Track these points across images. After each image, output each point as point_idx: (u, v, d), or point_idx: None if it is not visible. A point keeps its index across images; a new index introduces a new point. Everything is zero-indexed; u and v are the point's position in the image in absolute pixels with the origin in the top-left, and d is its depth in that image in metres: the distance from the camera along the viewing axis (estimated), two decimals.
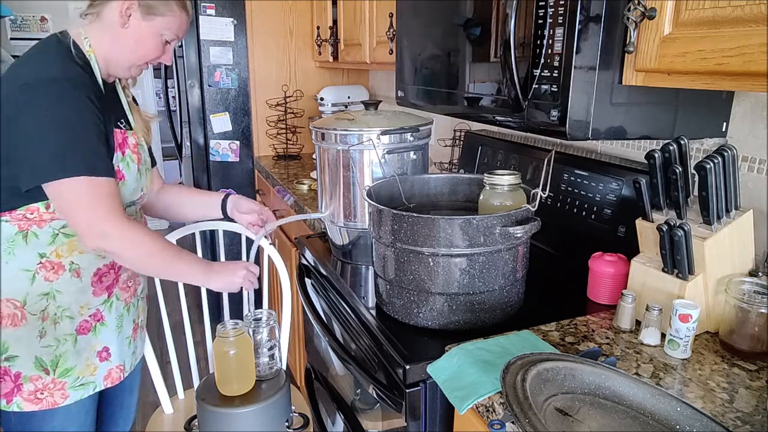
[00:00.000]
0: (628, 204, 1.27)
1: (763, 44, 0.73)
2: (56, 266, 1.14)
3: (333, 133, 1.39)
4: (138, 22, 1.17)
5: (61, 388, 1.18)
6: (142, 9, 1.16)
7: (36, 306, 1.14)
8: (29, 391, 1.15)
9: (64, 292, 1.16)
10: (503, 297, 1.10)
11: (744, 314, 0.97)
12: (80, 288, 1.17)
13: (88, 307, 1.20)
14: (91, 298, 1.19)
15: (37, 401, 1.16)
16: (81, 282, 1.17)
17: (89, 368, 1.21)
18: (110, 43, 1.17)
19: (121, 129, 1.20)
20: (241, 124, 2.90)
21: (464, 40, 1.26)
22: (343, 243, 1.48)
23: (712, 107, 1.13)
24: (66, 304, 1.16)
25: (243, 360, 1.21)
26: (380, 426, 1.22)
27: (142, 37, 1.18)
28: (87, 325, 1.20)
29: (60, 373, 1.17)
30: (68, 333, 1.17)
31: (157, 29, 1.19)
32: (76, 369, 1.19)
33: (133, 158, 1.23)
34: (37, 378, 1.15)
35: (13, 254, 1.12)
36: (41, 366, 1.15)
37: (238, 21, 2.76)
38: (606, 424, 0.78)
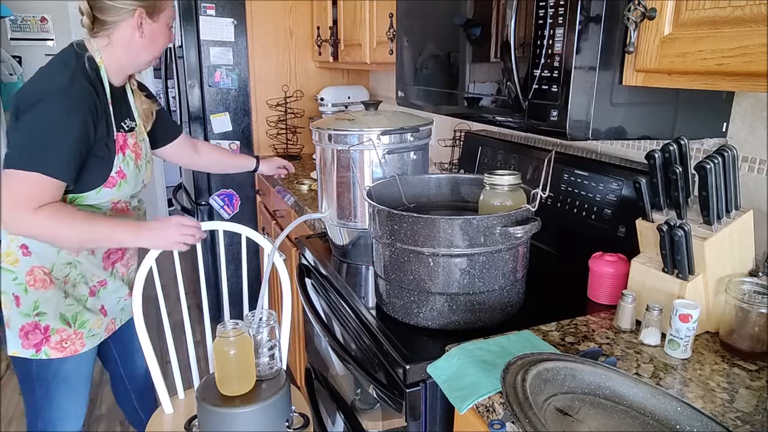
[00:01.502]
0: (628, 204, 1.27)
1: (763, 44, 0.73)
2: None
3: (333, 133, 1.39)
4: (150, 26, 1.35)
5: (80, 338, 1.43)
6: (148, 12, 1.33)
7: (61, 272, 1.39)
8: (56, 341, 1.40)
9: (82, 263, 1.42)
10: (503, 297, 1.10)
11: (744, 314, 0.97)
12: (94, 262, 1.45)
13: (98, 277, 1.47)
14: (100, 270, 1.47)
15: (62, 349, 1.41)
16: (95, 258, 1.45)
17: (98, 322, 1.47)
18: (126, 54, 1.36)
19: (122, 132, 1.39)
20: (241, 124, 2.90)
21: (464, 40, 1.26)
22: (343, 243, 1.48)
23: (712, 107, 1.13)
24: (83, 272, 1.43)
25: (243, 360, 1.21)
26: (380, 426, 1.22)
27: (157, 34, 1.38)
28: (95, 289, 1.47)
29: (78, 325, 1.43)
30: (83, 294, 1.44)
31: (164, 22, 1.39)
32: (89, 322, 1.45)
33: (132, 156, 1.42)
34: (62, 330, 1.40)
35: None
36: (65, 320, 1.40)
37: (238, 21, 2.76)
38: (606, 424, 0.78)
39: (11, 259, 1.35)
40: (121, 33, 1.33)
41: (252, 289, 1.94)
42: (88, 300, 1.44)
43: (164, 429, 1.47)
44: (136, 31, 1.33)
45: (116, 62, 1.36)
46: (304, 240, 1.69)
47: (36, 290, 1.36)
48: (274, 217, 2.55)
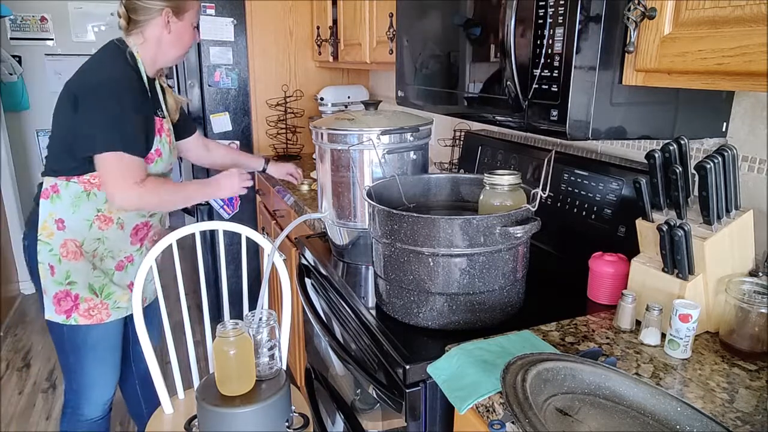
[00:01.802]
0: (628, 204, 1.27)
1: (763, 44, 0.73)
2: (107, 219, 1.54)
3: (333, 133, 1.39)
4: (176, 24, 1.54)
5: (106, 308, 1.58)
6: (174, 11, 1.52)
7: (90, 246, 1.54)
8: (84, 309, 1.55)
9: (110, 238, 1.57)
10: (503, 297, 1.10)
11: (744, 314, 0.97)
12: (122, 237, 1.59)
13: (125, 252, 1.61)
14: (128, 246, 1.62)
15: (89, 317, 1.56)
16: (123, 233, 1.59)
17: (124, 296, 1.61)
18: (157, 49, 1.55)
19: (159, 117, 1.58)
20: (241, 124, 2.90)
21: (464, 40, 1.26)
22: (343, 243, 1.48)
23: (712, 107, 1.13)
24: (110, 248, 1.58)
25: (243, 360, 1.21)
26: (380, 426, 1.22)
27: (183, 32, 1.57)
28: (122, 264, 1.61)
29: (105, 296, 1.57)
30: (110, 268, 1.59)
31: (189, 21, 1.57)
32: (115, 295, 1.59)
33: (167, 140, 1.61)
34: (90, 299, 1.55)
35: (78, 207, 1.51)
36: (93, 290, 1.56)
37: (238, 21, 2.76)
38: (606, 424, 0.78)
39: (47, 233, 1.51)
40: (152, 30, 1.51)
41: (252, 289, 1.94)
42: (114, 274, 1.60)
43: (164, 429, 1.47)
44: (164, 29, 1.52)
45: (150, 57, 1.55)
46: (303, 240, 1.69)
47: (68, 261, 1.52)
48: (274, 217, 2.55)
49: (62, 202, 1.50)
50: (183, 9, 1.53)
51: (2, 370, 2.81)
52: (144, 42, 1.52)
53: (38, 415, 2.45)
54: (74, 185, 1.49)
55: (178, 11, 1.52)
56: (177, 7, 1.52)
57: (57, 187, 1.50)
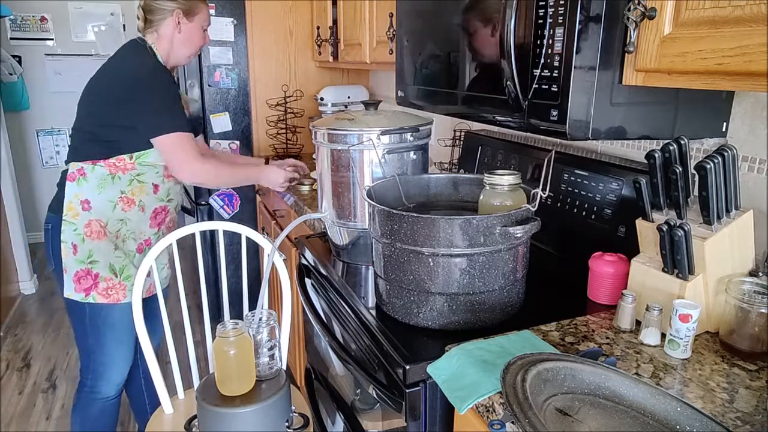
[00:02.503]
0: (628, 204, 1.27)
1: (763, 44, 0.73)
2: (130, 201, 1.64)
3: (333, 133, 1.39)
4: (185, 25, 1.68)
5: (123, 289, 1.65)
6: (185, 13, 1.66)
7: (114, 227, 1.63)
8: (103, 288, 1.63)
9: (132, 220, 1.65)
10: (503, 297, 1.10)
11: (744, 314, 0.97)
12: (142, 219, 1.68)
13: (145, 235, 1.70)
14: (147, 228, 1.70)
15: (107, 296, 1.64)
16: (144, 215, 1.68)
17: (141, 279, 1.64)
18: (170, 47, 1.68)
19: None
20: (241, 124, 2.90)
21: (464, 40, 1.26)
22: (343, 243, 1.48)
23: (712, 107, 1.13)
24: (132, 229, 1.66)
25: (243, 360, 1.21)
26: (380, 426, 1.22)
27: (192, 35, 1.70)
28: (141, 247, 1.70)
29: (124, 277, 1.65)
30: (131, 250, 1.68)
31: (198, 23, 1.71)
32: (133, 277, 1.65)
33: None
34: (109, 279, 1.63)
35: (104, 189, 1.60)
36: (113, 270, 1.63)
37: (238, 21, 2.76)
38: (606, 424, 0.78)
39: (72, 213, 1.60)
40: (165, 29, 1.65)
41: (252, 289, 1.94)
42: (135, 256, 1.68)
43: (164, 429, 1.47)
44: (175, 29, 1.66)
45: (165, 54, 1.67)
46: (303, 240, 1.69)
47: (92, 240, 1.61)
48: (274, 217, 2.55)
49: (88, 183, 1.60)
50: (193, 11, 1.68)
51: (2, 370, 2.81)
52: (158, 39, 1.66)
53: (38, 415, 2.45)
54: (100, 168, 1.59)
55: (188, 13, 1.66)
56: (187, 9, 1.66)
57: (84, 170, 1.60)
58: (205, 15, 1.73)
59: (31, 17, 4.21)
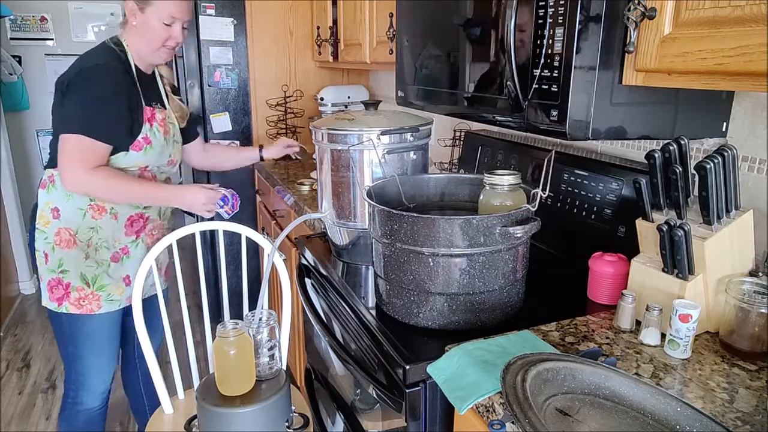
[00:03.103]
0: (628, 204, 1.27)
1: (763, 44, 0.73)
2: (100, 209, 1.56)
3: (333, 133, 1.39)
4: (140, 16, 1.52)
5: (97, 299, 1.58)
6: (137, 4, 1.50)
7: (84, 235, 1.56)
8: (75, 298, 1.57)
9: (104, 228, 1.57)
10: (503, 297, 1.10)
11: (744, 314, 0.97)
12: (116, 227, 1.59)
13: (120, 243, 1.61)
14: (122, 236, 1.61)
15: (80, 306, 1.57)
16: (117, 223, 1.59)
17: (118, 289, 1.61)
18: (134, 39, 1.56)
19: (151, 107, 1.58)
20: (241, 124, 2.90)
21: (464, 40, 1.26)
22: (343, 243, 1.48)
23: (712, 107, 1.13)
24: (105, 237, 1.58)
25: (243, 360, 1.21)
26: (380, 426, 1.22)
27: (146, 26, 1.52)
28: (117, 256, 1.61)
29: (97, 287, 1.58)
30: (105, 259, 1.59)
31: (154, 16, 1.51)
32: (108, 287, 1.59)
33: (160, 129, 1.60)
34: (81, 289, 1.57)
35: (71, 196, 1.53)
36: (85, 280, 1.57)
37: (238, 21, 2.76)
38: (606, 424, 0.78)
39: (44, 221, 1.55)
40: (126, 17, 1.54)
41: (252, 289, 1.94)
42: (110, 266, 1.60)
43: (164, 429, 1.47)
44: (129, 17, 1.53)
45: (133, 45, 1.56)
46: (303, 240, 1.69)
47: (61, 249, 1.55)
48: (273, 217, 2.55)
49: (57, 191, 1.54)
50: (146, 2, 1.50)
51: (2, 370, 2.81)
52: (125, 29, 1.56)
53: (38, 415, 2.45)
54: None
55: (140, 2, 1.51)
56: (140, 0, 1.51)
57: (53, 176, 1.54)
58: (167, 8, 1.51)
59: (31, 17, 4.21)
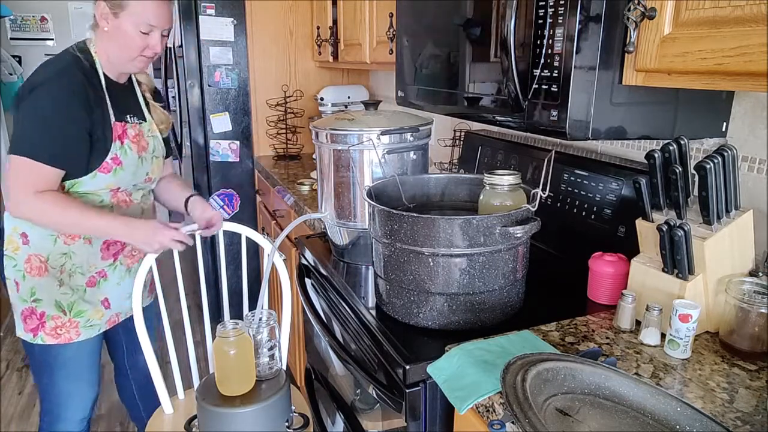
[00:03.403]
0: (628, 204, 1.27)
1: (763, 44, 0.73)
2: (72, 234, 1.42)
3: (333, 133, 1.39)
4: (112, 21, 1.35)
5: (75, 326, 1.47)
6: (110, 7, 1.34)
7: (57, 262, 1.43)
8: (51, 328, 1.45)
9: (78, 254, 1.44)
10: (503, 297, 1.10)
11: (744, 314, 0.97)
12: (91, 252, 1.46)
13: (96, 267, 1.49)
14: (98, 261, 1.49)
15: (57, 336, 1.46)
16: (92, 248, 1.46)
17: (97, 313, 1.50)
18: (105, 46, 1.39)
19: (122, 122, 1.43)
20: (241, 124, 2.90)
21: (464, 40, 1.26)
22: (343, 243, 1.48)
23: (712, 107, 1.13)
24: (79, 263, 1.45)
25: (243, 360, 1.21)
26: (380, 426, 1.22)
27: (119, 33, 1.36)
28: (94, 280, 1.49)
29: (74, 314, 1.46)
30: (80, 285, 1.46)
31: (128, 22, 1.35)
32: (87, 313, 1.48)
33: (132, 147, 1.44)
34: (57, 317, 1.45)
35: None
36: (60, 308, 1.45)
37: (238, 21, 2.76)
38: (606, 424, 0.78)
39: (12, 247, 1.43)
40: (97, 21, 1.38)
41: (252, 289, 1.94)
42: (86, 291, 1.48)
43: (164, 429, 1.47)
44: (100, 22, 1.37)
45: (103, 52, 1.40)
46: (303, 240, 1.69)
47: (32, 277, 1.42)
48: (274, 217, 2.55)
49: None
50: (119, 7, 1.33)
51: (2, 370, 2.81)
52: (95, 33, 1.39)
53: (38, 416, 2.45)
54: None
55: (113, 7, 1.33)
56: (113, 3, 1.33)
57: None
58: (143, 13, 1.34)
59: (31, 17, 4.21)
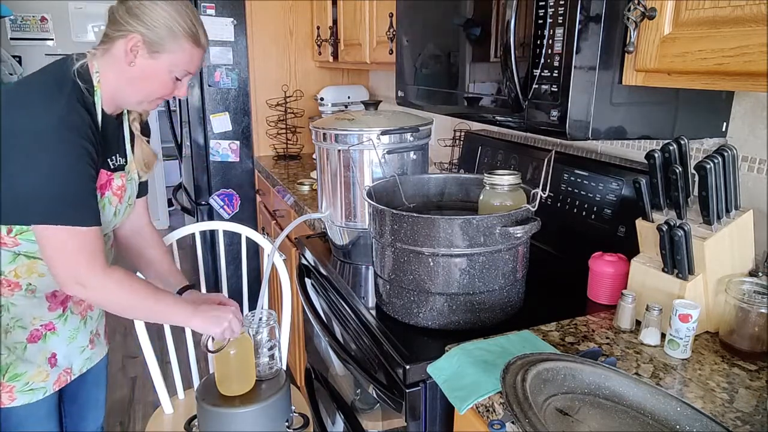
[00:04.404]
0: (628, 204, 1.27)
1: (763, 44, 0.73)
2: (12, 285, 1.15)
3: (333, 133, 1.39)
4: (144, 60, 1.13)
5: (9, 391, 1.17)
6: (147, 46, 1.12)
7: None
8: None
9: (18, 305, 1.17)
10: (503, 297, 1.10)
11: (744, 314, 0.97)
12: (34, 303, 1.19)
13: (41, 320, 1.21)
14: (45, 312, 1.21)
15: None
16: (35, 298, 1.18)
17: (41, 374, 1.21)
18: (117, 79, 1.15)
19: (107, 171, 1.19)
20: (241, 124, 2.90)
21: (464, 40, 1.26)
22: (343, 243, 1.48)
23: (712, 107, 1.13)
24: (19, 316, 1.17)
25: (243, 360, 1.21)
26: (380, 426, 1.22)
27: (149, 74, 1.15)
28: (38, 334, 1.21)
29: (9, 378, 1.17)
30: (19, 341, 1.18)
31: (165, 66, 1.15)
32: (26, 375, 1.19)
33: (113, 200, 1.22)
34: None
35: None
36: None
37: (238, 21, 2.76)
38: (606, 424, 0.78)
39: None
40: (116, 50, 1.13)
41: (252, 289, 1.94)
42: (26, 348, 1.19)
43: (164, 429, 1.47)
44: (126, 56, 1.12)
45: (108, 84, 1.16)
46: (304, 240, 1.69)
47: None
48: (274, 217, 2.55)
49: None
50: (161, 47, 1.13)
51: None
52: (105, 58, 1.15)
53: None
54: None
55: (152, 45, 1.12)
56: (153, 40, 1.11)
57: None
58: (184, 60, 1.16)
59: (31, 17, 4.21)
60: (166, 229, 4.92)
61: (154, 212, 4.78)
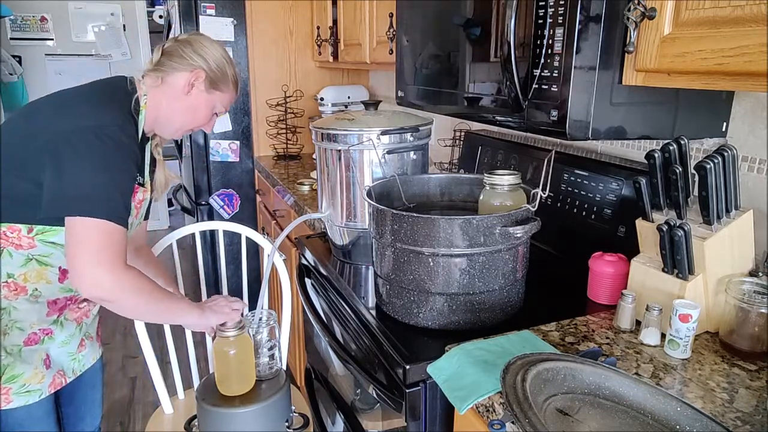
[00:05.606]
0: (628, 204, 1.27)
1: (763, 44, 0.73)
2: (19, 288, 1.17)
3: (333, 133, 1.39)
4: (199, 93, 1.28)
5: (6, 393, 1.19)
6: (207, 82, 1.27)
7: None
8: None
9: (19, 309, 1.19)
10: (503, 297, 1.10)
11: (744, 314, 0.97)
12: (35, 309, 1.21)
13: (39, 325, 1.23)
14: (44, 318, 1.23)
15: None
16: (37, 303, 1.21)
17: (37, 376, 1.23)
18: (167, 106, 1.26)
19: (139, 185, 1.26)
20: (241, 124, 2.90)
21: (464, 40, 1.26)
22: (343, 243, 1.48)
23: (712, 107, 1.13)
24: (19, 319, 1.19)
25: (243, 360, 1.21)
26: (380, 426, 1.22)
27: (199, 106, 1.29)
28: (35, 338, 1.23)
29: (6, 379, 1.18)
30: (16, 344, 1.20)
31: (213, 102, 1.31)
32: (22, 376, 1.20)
33: (134, 212, 1.26)
34: None
35: None
36: None
37: (238, 21, 2.76)
38: (606, 424, 0.78)
39: None
40: (174, 80, 1.25)
41: (252, 289, 1.95)
42: (22, 351, 1.20)
43: (164, 429, 1.47)
44: (185, 87, 1.25)
45: (155, 109, 1.26)
46: (304, 240, 1.69)
47: None
48: (274, 217, 2.55)
49: None
50: (218, 86, 1.29)
51: None
52: (158, 86, 1.25)
53: None
54: None
55: (213, 82, 1.28)
56: (215, 78, 1.28)
57: None
58: (227, 99, 1.34)
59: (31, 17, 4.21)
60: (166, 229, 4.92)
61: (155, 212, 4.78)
